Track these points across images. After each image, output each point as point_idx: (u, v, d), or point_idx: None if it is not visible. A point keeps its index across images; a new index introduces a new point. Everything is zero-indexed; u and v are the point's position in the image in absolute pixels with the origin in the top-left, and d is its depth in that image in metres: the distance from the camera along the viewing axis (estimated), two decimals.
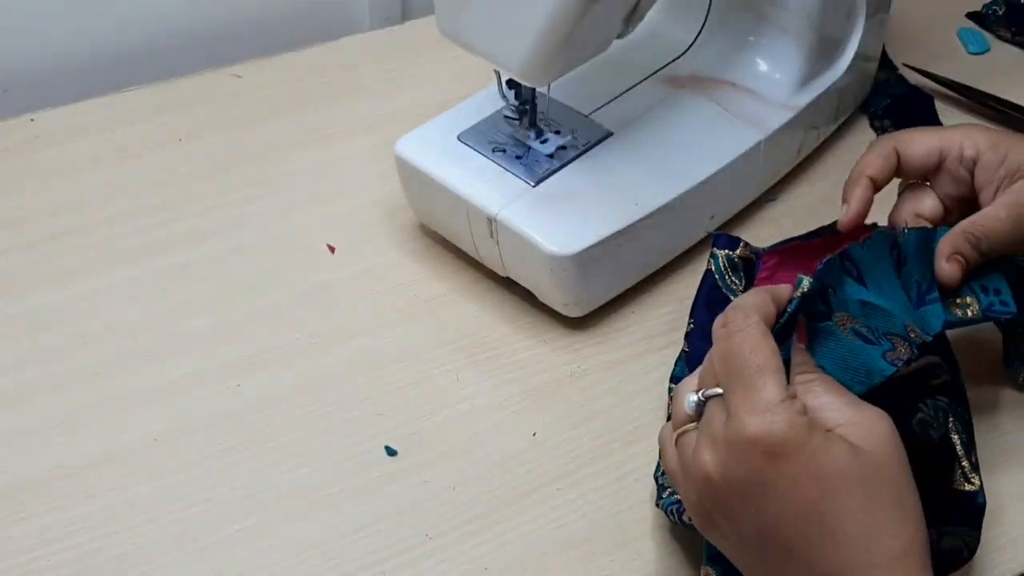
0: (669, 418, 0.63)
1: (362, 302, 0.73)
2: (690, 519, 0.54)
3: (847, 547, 0.46)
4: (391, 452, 0.64)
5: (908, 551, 0.47)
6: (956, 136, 0.64)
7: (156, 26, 0.94)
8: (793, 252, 0.68)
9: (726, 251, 0.70)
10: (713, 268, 0.70)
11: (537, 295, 0.71)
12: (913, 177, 0.66)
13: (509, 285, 0.73)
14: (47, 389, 0.67)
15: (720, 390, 0.50)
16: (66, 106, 0.86)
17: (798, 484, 0.47)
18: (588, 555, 0.60)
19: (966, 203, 0.64)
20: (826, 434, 0.47)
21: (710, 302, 0.68)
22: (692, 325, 0.68)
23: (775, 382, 0.48)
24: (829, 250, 0.59)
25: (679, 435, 0.52)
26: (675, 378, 0.66)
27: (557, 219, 0.68)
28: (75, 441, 0.65)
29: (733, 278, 0.69)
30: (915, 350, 0.54)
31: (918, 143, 0.65)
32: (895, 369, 0.53)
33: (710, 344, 0.67)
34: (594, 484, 0.63)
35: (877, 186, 0.65)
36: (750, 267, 0.70)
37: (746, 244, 0.70)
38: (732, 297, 0.69)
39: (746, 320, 0.50)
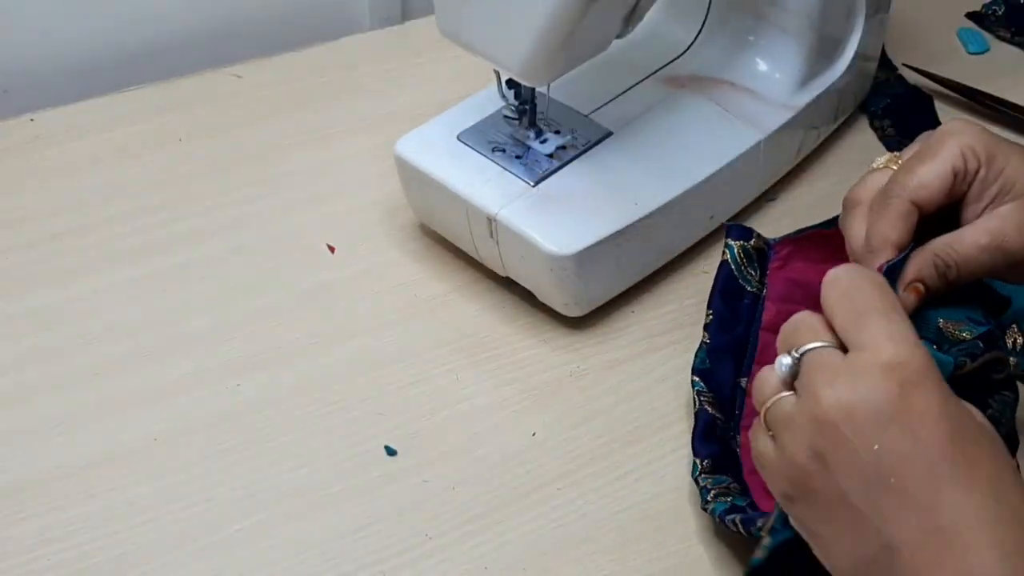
0: (701, 421, 0.63)
1: (362, 302, 0.73)
2: (756, 528, 0.53)
3: (980, 491, 0.43)
4: (391, 452, 0.64)
5: None
6: (954, 149, 0.55)
7: (156, 26, 0.94)
8: (806, 241, 0.68)
9: (740, 241, 0.70)
10: (728, 258, 0.69)
11: (537, 295, 0.71)
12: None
13: (509, 285, 0.73)
14: (47, 389, 0.67)
15: (820, 343, 0.47)
16: (66, 106, 0.86)
17: (930, 418, 0.44)
18: (588, 555, 0.60)
19: None
20: None
21: (725, 292, 0.68)
22: (711, 316, 0.68)
23: (907, 319, 0.46)
24: (842, 239, 0.58)
25: (767, 409, 0.48)
26: (696, 369, 0.65)
27: (557, 219, 0.68)
28: (75, 441, 0.65)
29: (749, 269, 0.69)
30: (952, 347, 0.52)
31: (932, 183, 0.55)
32: (954, 360, 0.51)
33: (729, 334, 0.67)
34: (594, 484, 0.63)
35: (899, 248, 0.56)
36: (763, 257, 0.70)
37: (759, 235, 0.70)
38: (748, 288, 0.69)
39: (862, 269, 0.49)
